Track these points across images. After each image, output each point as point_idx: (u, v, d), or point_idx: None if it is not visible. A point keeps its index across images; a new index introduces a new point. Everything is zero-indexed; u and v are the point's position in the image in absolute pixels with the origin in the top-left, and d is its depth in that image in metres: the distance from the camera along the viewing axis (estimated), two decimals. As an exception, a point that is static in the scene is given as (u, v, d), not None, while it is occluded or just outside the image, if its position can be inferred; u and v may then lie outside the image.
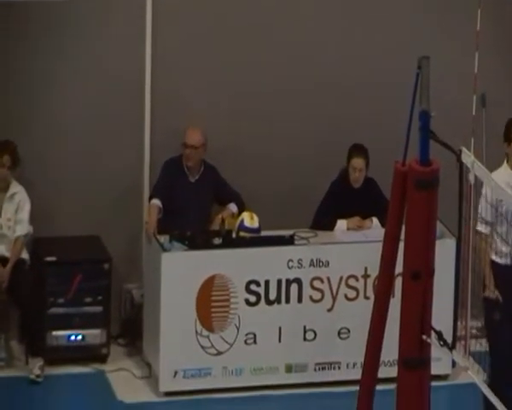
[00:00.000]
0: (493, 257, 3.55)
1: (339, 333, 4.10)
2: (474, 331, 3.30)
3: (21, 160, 4.16)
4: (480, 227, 3.45)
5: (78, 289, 4.18)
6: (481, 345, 3.40)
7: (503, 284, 3.51)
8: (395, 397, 2.52)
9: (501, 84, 4.64)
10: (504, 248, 3.53)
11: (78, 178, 4.42)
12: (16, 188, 4.15)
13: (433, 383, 2.67)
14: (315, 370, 4.13)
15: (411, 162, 2.34)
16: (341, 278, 4.10)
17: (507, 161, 3.71)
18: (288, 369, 4.09)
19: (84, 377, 4.31)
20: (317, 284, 4.10)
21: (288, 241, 4.06)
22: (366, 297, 4.00)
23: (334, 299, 4.09)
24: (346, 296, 4.09)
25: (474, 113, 2.79)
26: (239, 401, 4.09)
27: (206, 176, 4.34)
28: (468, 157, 2.41)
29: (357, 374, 2.87)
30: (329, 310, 4.10)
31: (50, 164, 4.35)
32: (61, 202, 4.40)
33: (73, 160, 4.41)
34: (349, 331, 4.06)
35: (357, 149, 4.28)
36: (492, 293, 3.46)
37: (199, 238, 4.03)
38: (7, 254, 4.10)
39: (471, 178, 2.43)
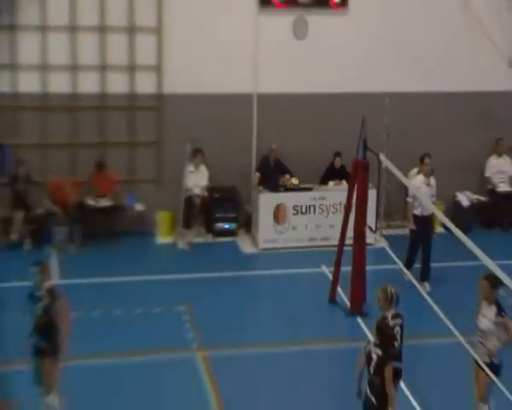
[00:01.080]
0: (414, 211, 8.97)
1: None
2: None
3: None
4: (408, 198, 9.05)
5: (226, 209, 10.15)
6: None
7: (415, 223, 8.91)
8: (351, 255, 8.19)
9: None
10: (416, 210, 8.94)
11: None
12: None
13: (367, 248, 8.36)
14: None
15: (359, 158, 8.10)
16: (331, 205, 9.89)
17: (418, 172, 9.33)
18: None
19: (225, 242, 10.25)
20: (321, 206, 9.94)
21: (309, 189, 9.95)
22: (341, 212, 9.66)
23: (328, 213, 9.90)
24: (333, 212, 9.88)
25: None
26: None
27: (277, 162, 10.13)
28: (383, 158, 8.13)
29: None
30: (326, 216, 9.89)
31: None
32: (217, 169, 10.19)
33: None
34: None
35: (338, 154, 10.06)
36: (412, 225, 8.99)
37: (275, 187, 9.93)
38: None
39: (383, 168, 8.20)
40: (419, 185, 8.81)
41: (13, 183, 9.55)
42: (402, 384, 6.00)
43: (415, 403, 6.30)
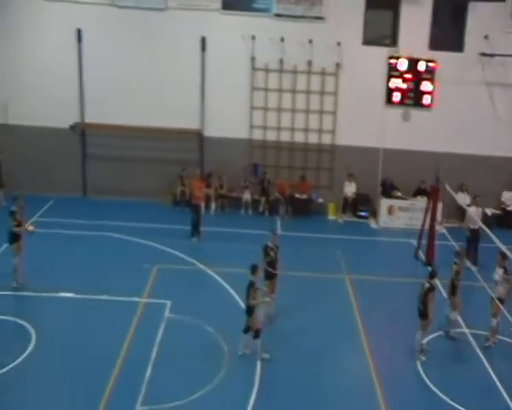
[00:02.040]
0: (469, 225, 16.61)
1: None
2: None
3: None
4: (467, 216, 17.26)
5: (364, 204, 19.57)
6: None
7: (470, 231, 16.54)
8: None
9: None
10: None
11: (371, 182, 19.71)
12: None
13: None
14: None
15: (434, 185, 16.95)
16: (418, 208, 18.96)
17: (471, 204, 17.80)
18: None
19: (362, 222, 19.59)
20: (412, 208, 19.09)
21: (406, 198, 19.16)
22: (421, 212, 18.67)
23: (415, 212, 19.02)
24: (418, 211, 18.92)
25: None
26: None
27: (391, 183, 19.43)
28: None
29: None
30: (414, 213, 18.95)
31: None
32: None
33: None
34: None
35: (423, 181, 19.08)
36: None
37: (389, 196, 19.35)
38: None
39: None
40: (472, 212, 16.59)
41: (261, 183, 19.57)
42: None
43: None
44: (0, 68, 19.31)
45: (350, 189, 19.52)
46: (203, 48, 19.18)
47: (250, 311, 11.81)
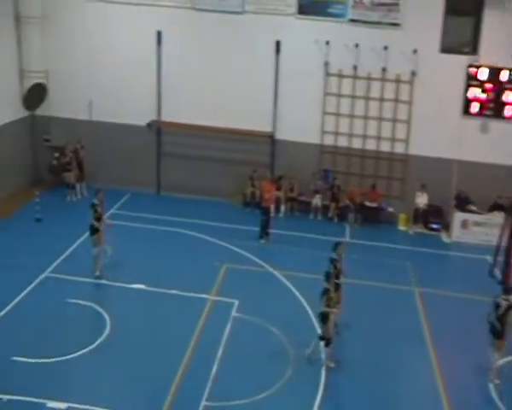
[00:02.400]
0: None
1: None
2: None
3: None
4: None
5: (436, 217, 19.18)
6: None
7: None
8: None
9: None
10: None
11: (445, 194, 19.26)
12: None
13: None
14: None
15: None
16: (494, 223, 18.38)
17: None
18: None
19: (433, 235, 19.13)
20: (488, 223, 18.54)
21: (481, 213, 18.63)
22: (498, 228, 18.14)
23: (492, 227, 18.42)
24: (495, 227, 18.36)
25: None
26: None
27: (465, 196, 18.95)
28: None
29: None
30: (491, 229, 18.35)
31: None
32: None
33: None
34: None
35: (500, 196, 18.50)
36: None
37: (464, 210, 18.85)
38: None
39: None
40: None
41: (331, 189, 19.52)
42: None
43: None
44: (85, 68, 20.17)
45: (422, 200, 19.14)
46: (277, 51, 19.33)
47: (324, 318, 11.85)
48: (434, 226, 19.10)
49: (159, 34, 19.68)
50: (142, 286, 14.41)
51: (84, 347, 11.94)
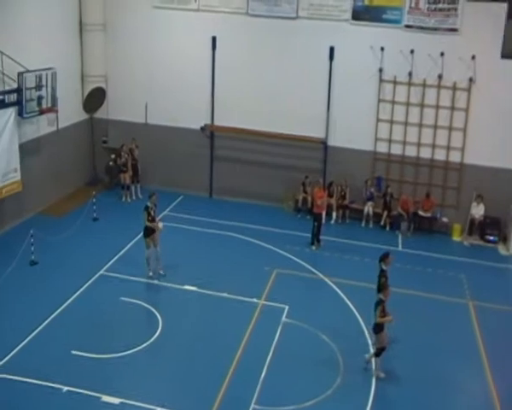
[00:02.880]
0: None
1: None
2: None
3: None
4: None
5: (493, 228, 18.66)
6: None
7: None
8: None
9: None
10: None
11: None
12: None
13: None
14: None
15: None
16: None
17: None
18: None
19: (489, 247, 18.63)
20: None
21: None
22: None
23: None
24: (553, 240, 17.77)
25: None
26: None
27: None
28: None
29: None
30: None
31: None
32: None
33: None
34: None
35: None
36: None
37: None
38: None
39: None
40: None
41: (384, 197, 19.32)
42: None
43: None
44: (143, 72, 20.68)
45: (478, 210, 18.68)
46: (331, 57, 19.28)
47: (378, 328, 11.76)
48: (491, 238, 18.57)
49: (213, 40, 19.97)
50: (193, 288, 14.64)
51: (137, 345, 12.26)
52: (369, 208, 19.29)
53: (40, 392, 10.88)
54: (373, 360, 11.99)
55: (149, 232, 14.90)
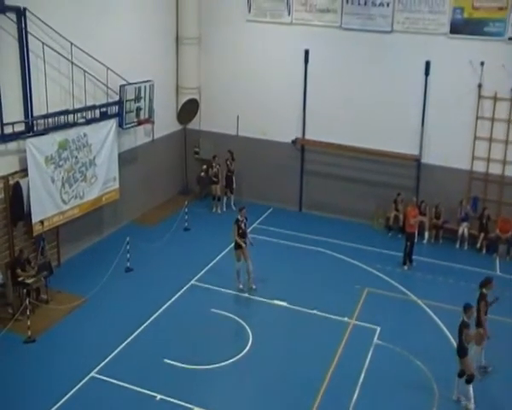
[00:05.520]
0: None
1: None
2: None
3: None
4: None
5: None
6: None
7: None
8: None
9: None
10: None
11: None
12: None
13: None
14: None
15: None
16: None
17: None
18: None
19: None
20: None
21: None
22: None
23: None
24: None
25: None
26: None
27: None
28: None
29: None
30: None
31: None
32: None
33: None
34: None
35: None
36: None
37: None
38: None
39: None
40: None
41: (480, 218, 18.51)
42: None
43: None
44: (235, 85, 21.03)
45: None
46: (427, 72, 18.74)
47: (462, 352, 11.25)
48: None
49: (306, 53, 19.97)
50: (283, 303, 14.60)
51: (228, 358, 12.35)
52: (463, 229, 18.56)
53: (134, 398, 11.18)
54: (468, 388, 11.38)
55: (239, 246, 15.06)
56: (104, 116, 16.75)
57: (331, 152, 20.04)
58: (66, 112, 15.38)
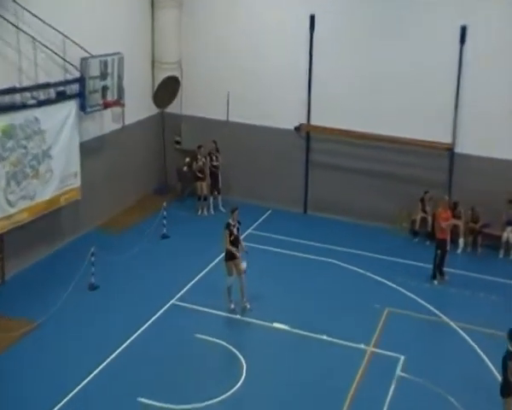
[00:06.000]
0: None
1: None
2: None
3: None
4: None
5: None
6: None
7: None
8: None
9: None
10: None
11: None
12: None
13: None
14: None
15: None
16: None
17: None
18: None
19: None
20: None
21: None
22: None
23: None
24: None
25: None
26: None
27: None
28: None
29: None
30: None
31: None
32: None
33: None
34: None
35: None
36: None
37: None
38: None
39: None
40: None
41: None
42: None
43: None
44: (223, 61, 20.99)
45: None
46: (462, 40, 18.66)
47: (506, 391, 11.07)
48: None
49: (312, 19, 19.89)
50: (284, 327, 14.49)
51: (216, 395, 12.09)
52: (508, 235, 18.55)
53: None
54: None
55: (231, 256, 14.94)
56: (61, 97, 16.57)
57: (342, 140, 19.99)
58: (11, 90, 15.09)
